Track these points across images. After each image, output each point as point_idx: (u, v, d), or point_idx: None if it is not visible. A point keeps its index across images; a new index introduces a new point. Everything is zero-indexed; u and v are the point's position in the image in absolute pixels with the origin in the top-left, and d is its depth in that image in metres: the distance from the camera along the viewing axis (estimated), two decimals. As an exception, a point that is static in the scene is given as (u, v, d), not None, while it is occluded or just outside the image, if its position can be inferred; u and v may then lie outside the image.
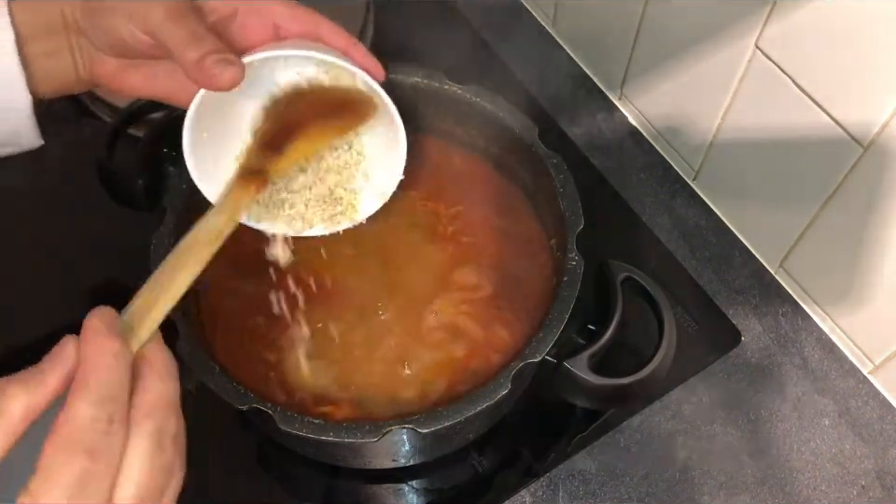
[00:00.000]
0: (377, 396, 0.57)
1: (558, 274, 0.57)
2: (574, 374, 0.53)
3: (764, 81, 0.62)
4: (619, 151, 0.79)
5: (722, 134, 0.70)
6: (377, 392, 0.57)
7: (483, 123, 0.64)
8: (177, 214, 0.57)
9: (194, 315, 0.58)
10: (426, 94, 0.64)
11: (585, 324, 0.56)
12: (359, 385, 0.57)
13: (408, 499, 0.62)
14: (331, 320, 0.59)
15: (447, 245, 0.63)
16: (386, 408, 0.56)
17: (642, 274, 0.58)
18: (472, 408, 0.50)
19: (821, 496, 0.62)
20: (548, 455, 0.63)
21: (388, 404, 0.56)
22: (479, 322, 0.60)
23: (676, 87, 0.73)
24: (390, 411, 0.56)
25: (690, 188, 0.77)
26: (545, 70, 0.85)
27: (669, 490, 0.62)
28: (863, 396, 0.66)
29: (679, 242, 0.74)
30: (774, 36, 0.60)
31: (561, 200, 0.58)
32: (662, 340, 0.55)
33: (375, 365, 0.58)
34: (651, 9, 0.70)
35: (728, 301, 0.71)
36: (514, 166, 0.65)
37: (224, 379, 0.50)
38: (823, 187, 0.61)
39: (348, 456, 0.59)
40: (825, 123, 0.59)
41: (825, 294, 0.68)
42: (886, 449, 0.64)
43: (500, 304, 0.60)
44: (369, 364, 0.58)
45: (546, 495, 0.62)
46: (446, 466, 0.62)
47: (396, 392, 0.57)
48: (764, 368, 0.68)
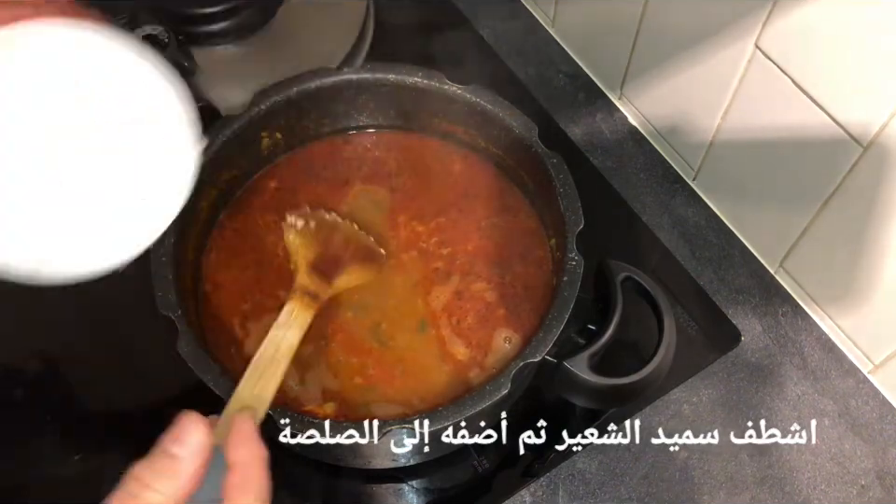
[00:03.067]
0: (377, 396, 0.57)
1: (558, 274, 0.57)
2: (574, 374, 0.53)
3: (764, 81, 0.62)
4: (619, 151, 0.79)
5: (722, 134, 0.70)
6: (377, 392, 0.57)
7: (483, 123, 0.64)
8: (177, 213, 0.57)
9: (194, 315, 0.58)
10: (426, 94, 0.64)
11: (585, 324, 0.56)
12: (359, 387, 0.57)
13: (408, 499, 0.62)
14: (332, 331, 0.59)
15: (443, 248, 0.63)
16: (387, 408, 0.56)
17: (642, 274, 0.58)
18: (472, 408, 0.50)
19: (821, 495, 0.62)
20: (548, 454, 0.63)
21: (388, 404, 0.56)
22: (475, 325, 0.60)
23: (676, 87, 0.73)
24: (390, 411, 0.56)
25: (690, 187, 0.77)
26: (545, 70, 0.85)
27: (669, 490, 0.62)
28: (863, 396, 0.66)
29: (679, 242, 0.74)
30: (774, 36, 0.60)
31: (561, 200, 0.58)
32: (662, 340, 0.55)
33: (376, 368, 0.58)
34: (650, 9, 0.70)
35: (728, 301, 0.71)
36: (514, 166, 0.65)
37: (224, 379, 0.50)
38: (823, 187, 0.61)
39: (348, 456, 0.59)
40: (825, 123, 0.59)
41: (825, 294, 0.68)
42: (886, 449, 0.64)
43: (499, 307, 0.60)
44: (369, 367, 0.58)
45: (546, 495, 0.62)
46: (446, 466, 0.62)
47: (396, 392, 0.57)
48: (764, 368, 0.68)
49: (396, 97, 0.66)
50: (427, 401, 0.56)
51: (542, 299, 0.60)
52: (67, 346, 0.67)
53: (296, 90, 0.63)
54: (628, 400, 0.59)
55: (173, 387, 0.64)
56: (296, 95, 0.63)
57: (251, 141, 0.64)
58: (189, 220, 0.59)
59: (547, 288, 0.60)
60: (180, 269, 0.57)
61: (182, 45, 0.76)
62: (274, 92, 0.63)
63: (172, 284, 0.54)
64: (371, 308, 0.60)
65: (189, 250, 0.60)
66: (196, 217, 0.61)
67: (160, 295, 0.53)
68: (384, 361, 0.58)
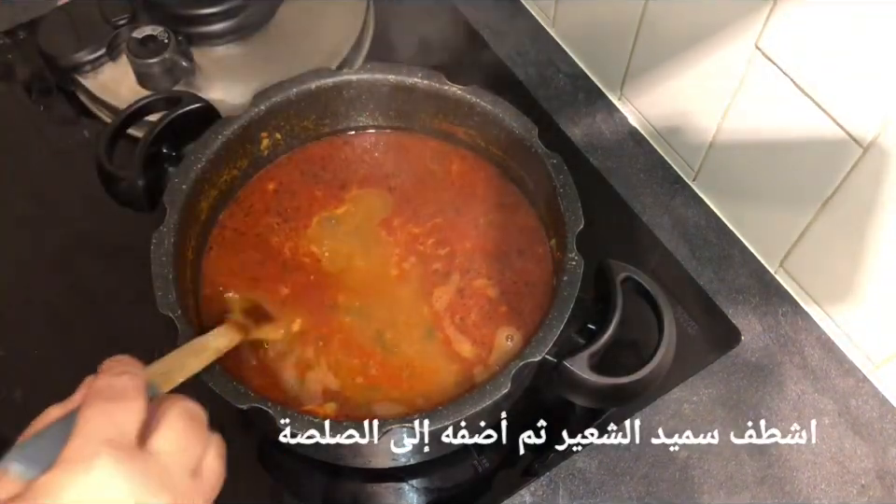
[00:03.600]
0: (380, 396, 0.57)
1: (558, 274, 0.57)
2: (574, 374, 0.53)
3: (764, 81, 0.62)
4: (619, 151, 0.79)
5: (722, 134, 0.70)
6: (380, 392, 0.57)
7: (483, 123, 0.64)
8: (177, 213, 0.57)
9: (194, 315, 0.58)
10: (426, 94, 0.64)
11: (585, 323, 0.56)
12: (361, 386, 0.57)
13: (408, 499, 0.62)
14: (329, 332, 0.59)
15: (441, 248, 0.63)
16: (389, 407, 0.56)
17: (642, 274, 0.58)
18: (472, 407, 0.50)
19: (821, 495, 0.62)
20: (548, 454, 0.63)
21: (391, 403, 0.56)
22: (479, 322, 0.60)
23: (676, 87, 0.73)
24: (392, 410, 0.56)
25: (690, 188, 0.77)
26: (545, 70, 0.85)
27: (669, 490, 0.62)
28: (863, 395, 0.66)
29: (679, 242, 0.74)
30: (774, 36, 0.60)
31: (561, 200, 0.58)
32: (662, 340, 0.55)
33: (378, 369, 0.58)
34: (650, 9, 0.70)
35: (728, 301, 0.71)
36: (514, 166, 0.65)
37: (224, 379, 0.51)
38: (823, 187, 0.61)
39: (348, 456, 0.59)
40: (825, 123, 0.59)
41: (825, 294, 0.68)
42: (886, 448, 0.64)
43: (500, 304, 0.60)
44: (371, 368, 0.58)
45: (546, 494, 0.62)
46: (446, 465, 0.62)
47: (401, 393, 0.57)
48: (764, 367, 0.68)
49: (396, 97, 0.66)
50: (432, 401, 0.56)
51: (543, 297, 0.60)
52: (67, 346, 0.67)
53: (296, 90, 0.63)
54: (628, 400, 0.59)
55: (173, 387, 0.64)
56: (296, 95, 0.64)
57: (251, 141, 0.64)
58: (189, 220, 0.59)
59: (548, 287, 0.60)
60: (180, 269, 0.57)
61: (182, 45, 0.76)
62: (274, 92, 0.63)
63: (172, 284, 0.54)
64: (373, 317, 0.60)
65: (189, 250, 0.60)
66: (196, 217, 0.61)
67: (160, 295, 0.53)
68: (388, 364, 0.58)
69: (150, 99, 0.65)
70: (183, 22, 0.77)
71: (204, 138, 0.61)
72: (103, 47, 0.77)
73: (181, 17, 0.77)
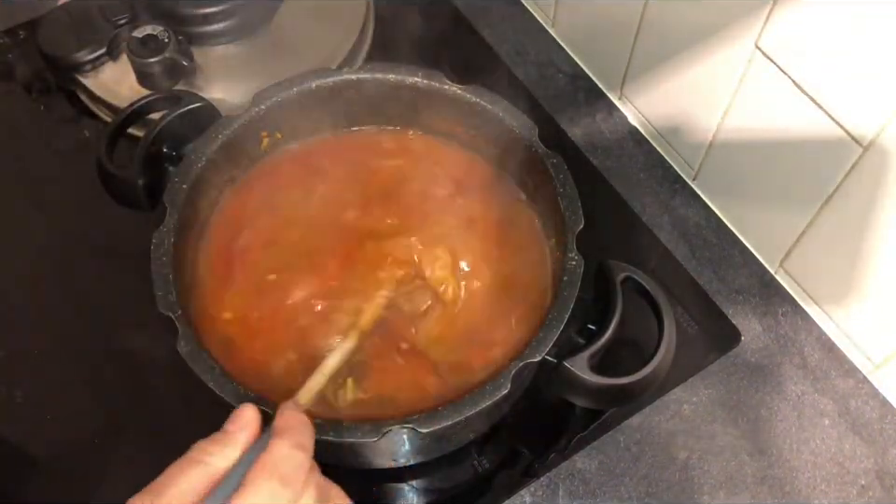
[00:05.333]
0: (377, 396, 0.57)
1: (558, 274, 0.57)
2: (574, 374, 0.53)
3: (764, 81, 0.62)
4: (619, 151, 0.79)
5: (722, 134, 0.70)
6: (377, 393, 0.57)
7: (483, 123, 0.64)
8: (177, 213, 0.57)
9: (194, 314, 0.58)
10: (426, 94, 0.64)
11: (585, 324, 0.56)
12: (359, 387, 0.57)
13: (408, 499, 0.62)
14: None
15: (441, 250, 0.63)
16: (387, 408, 0.56)
17: (642, 274, 0.58)
18: (472, 408, 0.50)
19: (821, 495, 0.62)
20: (548, 454, 0.63)
21: (389, 404, 0.56)
22: (483, 320, 0.60)
23: (676, 87, 0.73)
24: (391, 410, 0.56)
25: (690, 187, 0.77)
26: (545, 70, 0.85)
27: (669, 490, 0.62)
28: (863, 396, 0.66)
29: (679, 242, 0.74)
30: (774, 36, 0.60)
31: (561, 200, 0.58)
32: (662, 340, 0.55)
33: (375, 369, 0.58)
34: (650, 9, 0.70)
35: (728, 301, 0.71)
36: (514, 166, 0.65)
37: (224, 379, 0.50)
38: (823, 187, 0.61)
39: (348, 456, 0.59)
40: (825, 123, 0.59)
41: (825, 294, 0.68)
42: (886, 449, 0.64)
43: (500, 305, 0.60)
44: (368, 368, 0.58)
45: (546, 494, 0.62)
46: (446, 466, 0.62)
47: (396, 392, 0.57)
48: (764, 368, 0.68)
49: (396, 97, 0.66)
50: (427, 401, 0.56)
51: (543, 297, 0.60)
52: (67, 346, 0.67)
53: (296, 90, 0.63)
54: (628, 401, 0.59)
55: (173, 387, 0.64)
56: (296, 95, 0.63)
57: (251, 141, 0.64)
58: (190, 220, 0.59)
59: (547, 288, 0.60)
60: (180, 269, 0.57)
61: (182, 44, 0.76)
62: (274, 92, 0.63)
63: (172, 284, 0.54)
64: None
65: (189, 250, 0.60)
66: (196, 216, 0.61)
67: (160, 295, 0.53)
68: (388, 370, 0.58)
69: (150, 98, 0.65)
70: (183, 22, 0.77)
71: (205, 138, 0.61)
72: (103, 46, 0.77)
73: (181, 16, 0.77)
